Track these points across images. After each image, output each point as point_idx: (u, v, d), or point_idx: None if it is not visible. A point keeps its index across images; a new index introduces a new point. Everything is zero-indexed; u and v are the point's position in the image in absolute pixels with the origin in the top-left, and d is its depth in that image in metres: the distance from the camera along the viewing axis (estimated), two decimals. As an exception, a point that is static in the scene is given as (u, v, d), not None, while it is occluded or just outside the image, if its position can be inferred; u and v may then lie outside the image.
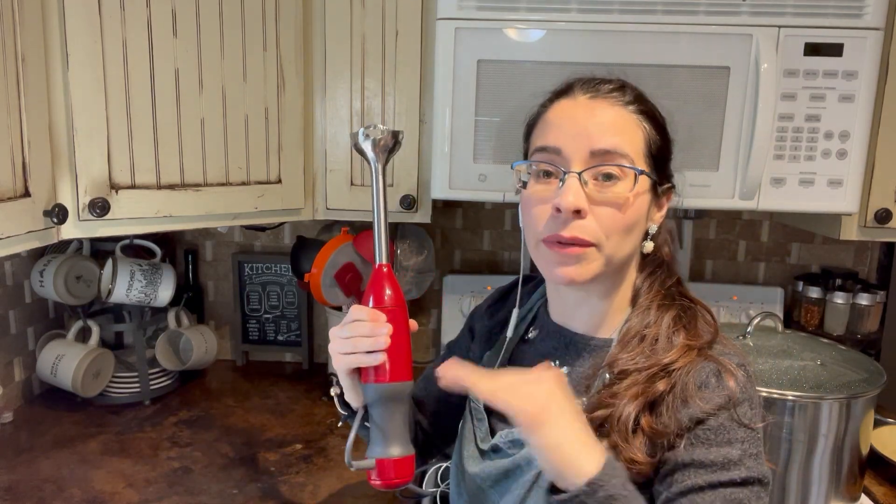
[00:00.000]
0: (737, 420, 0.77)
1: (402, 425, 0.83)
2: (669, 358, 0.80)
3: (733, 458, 0.75)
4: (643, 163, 0.83)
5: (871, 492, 1.35)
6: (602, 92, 0.84)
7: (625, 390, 0.79)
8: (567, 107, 0.85)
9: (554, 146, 0.82)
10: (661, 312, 0.85)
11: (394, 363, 0.81)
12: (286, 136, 1.40)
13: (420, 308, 1.96)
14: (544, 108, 0.88)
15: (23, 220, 1.05)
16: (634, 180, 0.81)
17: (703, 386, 0.78)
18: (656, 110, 0.87)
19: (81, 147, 1.14)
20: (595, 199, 0.80)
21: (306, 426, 1.60)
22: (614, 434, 0.77)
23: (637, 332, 0.84)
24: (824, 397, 1.20)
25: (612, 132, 0.81)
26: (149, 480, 1.34)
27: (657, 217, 0.88)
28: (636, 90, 0.86)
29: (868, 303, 1.74)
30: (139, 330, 1.68)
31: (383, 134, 0.85)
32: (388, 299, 0.83)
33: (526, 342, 0.97)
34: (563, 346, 0.91)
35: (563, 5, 1.27)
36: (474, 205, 1.89)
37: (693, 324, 0.85)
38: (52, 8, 1.09)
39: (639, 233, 0.85)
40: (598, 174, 0.81)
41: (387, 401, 0.82)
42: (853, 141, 1.28)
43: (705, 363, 0.80)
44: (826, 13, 1.25)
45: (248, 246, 1.95)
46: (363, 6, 1.41)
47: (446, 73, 1.31)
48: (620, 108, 0.83)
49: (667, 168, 0.88)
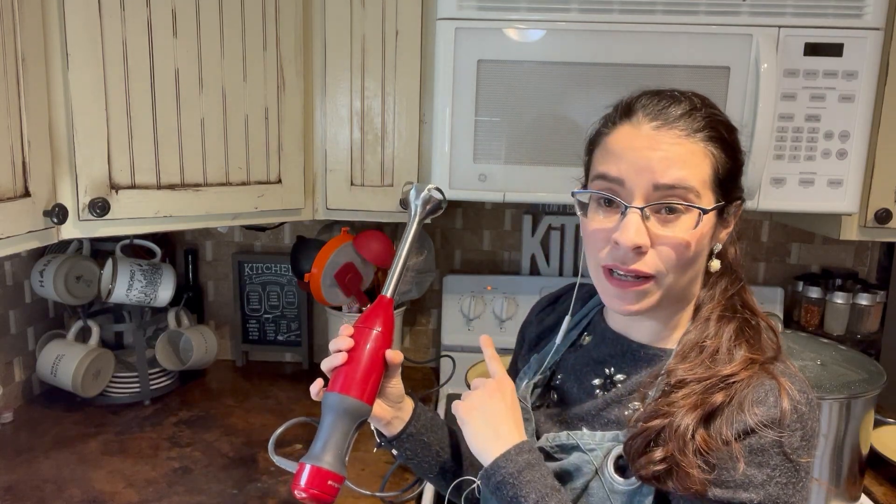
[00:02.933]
0: (780, 447, 0.74)
1: (342, 443, 0.81)
2: (730, 370, 0.78)
3: (756, 482, 0.73)
4: (709, 192, 0.79)
5: (871, 492, 1.35)
6: (669, 120, 0.79)
7: (681, 400, 0.77)
8: (630, 136, 0.80)
9: (616, 177, 0.79)
10: (722, 324, 0.82)
11: (347, 378, 0.82)
12: (286, 136, 1.40)
13: (420, 308, 1.96)
14: (606, 128, 0.84)
15: (23, 220, 1.05)
16: (698, 219, 0.78)
17: (759, 402, 0.75)
18: (727, 129, 0.82)
19: (81, 147, 1.14)
20: (657, 235, 0.78)
21: (306, 426, 1.59)
22: (671, 444, 0.75)
23: (696, 342, 0.81)
24: (824, 397, 1.20)
25: (678, 166, 0.77)
26: (149, 480, 1.34)
27: (723, 235, 0.85)
28: (708, 111, 0.81)
29: (868, 303, 1.74)
30: (139, 330, 1.68)
31: (434, 197, 0.93)
32: (367, 322, 0.86)
33: (580, 347, 0.95)
34: (619, 353, 0.89)
35: (563, 5, 1.27)
36: (474, 205, 1.89)
37: (756, 338, 0.82)
38: (52, 8, 1.09)
39: (702, 260, 0.83)
40: (661, 208, 0.78)
41: (332, 411, 0.82)
42: (853, 141, 1.29)
43: (766, 379, 0.77)
44: (826, 13, 1.25)
45: (248, 246, 1.95)
46: (363, 6, 1.41)
47: (446, 73, 1.31)
48: (686, 139, 0.78)
49: (737, 185, 0.84)
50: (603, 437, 0.83)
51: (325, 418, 0.82)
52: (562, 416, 0.91)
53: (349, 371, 0.83)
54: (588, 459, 0.82)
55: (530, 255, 1.89)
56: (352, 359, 0.83)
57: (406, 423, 0.96)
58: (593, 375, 0.90)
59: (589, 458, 0.82)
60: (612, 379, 0.88)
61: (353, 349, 0.84)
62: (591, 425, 0.86)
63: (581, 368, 0.92)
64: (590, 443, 0.84)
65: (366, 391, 0.83)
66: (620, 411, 0.84)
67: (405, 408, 0.97)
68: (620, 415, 0.84)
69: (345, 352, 0.84)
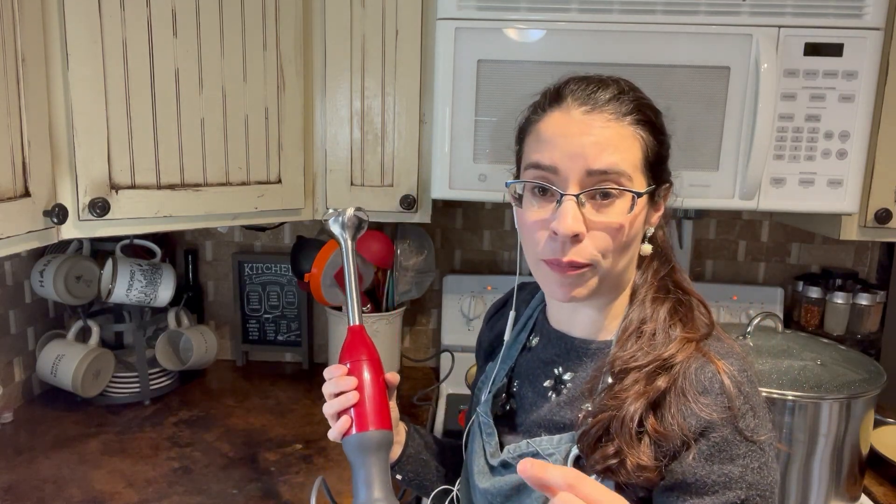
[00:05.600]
0: (740, 433, 0.75)
1: (385, 476, 0.82)
2: (669, 352, 0.79)
3: (734, 477, 0.74)
4: (641, 176, 0.80)
5: (871, 492, 1.35)
6: (598, 104, 0.79)
7: (627, 389, 0.78)
8: (561, 122, 0.80)
9: (549, 165, 0.79)
10: (657, 305, 0.83)
11: (364, 415, 0.83)
12: (286, 136, 1.40)
13: (420, 308, 1.96)
14: (537, 116, 0.84)
15: (23, 220, 1.05)
16: (632, 202, 0.79)
17: (704, 392, 0.76)
18: (653, 114, 0.83)
19: (81, 147, 1.14)
20: (592, 221, 0.78)
21: (306, 426, 1.60)
22: (619, 438, 0.75)
23: (634, 328, 0.82)
24: (824, 397, 1.20)
25: (609, 151, 0.78)
26: (149, 480, 1.34)
27: (654, 219, 0.86)
28: (634, 94, 0.82)
29: (868, 303, 1.74)
30: (139, 330, 1.68)
31: (350, 217, 0.94)
32: (354, 355, 0.87)
33: (529, 350, 0.96)
34: (564, 352, 0.90)
35: (563, 5, 1.27)
36: (474, 205, 1.89)
37: (690, 316, 0.83)
38: (52, 8, 1.09)
39: (636, 244, 0.84)
40: (596, 194, 0.79)
41: (363, 451, 0.82)
42: (853, 141, 1.29)
43: (705, 364, 0.78)
44: (826, 13, 1.25)
45: (248, 246, 1.95)
46: (363, 6, 1.41)
47: (446, 73, 1.31)
48: (616, 122, 0.79)
49: (664, 169, 0.85)
50: (560, 440, 0.84)
51: (356, 459, 0.83)
52: (522, 424, 0.91)
53: (362, 407, 0.84)
54: None
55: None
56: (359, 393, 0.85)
57: (404, 444, 0.98)
58: (544, 377, 0.91)
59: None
60: (561, 378, 0.88)
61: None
62: (549, 430, 0.86)
63: (533, 371, 0.92)
64: (548, 447, 0.84)
65: (385, 418, 0.84)
66: (573, 413, 0.85)
67: (401, 431, 0.99)
68: (573, 417, 0.84)
69: (354, 391, 0.84)
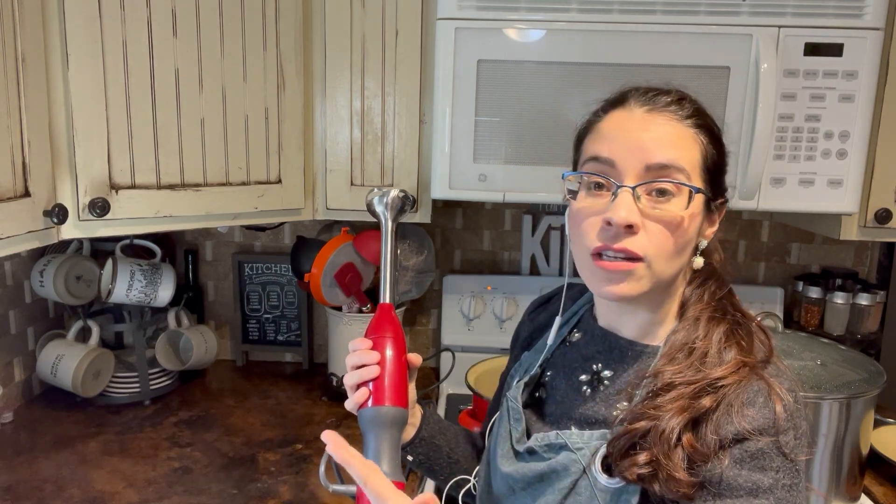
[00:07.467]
0: (778, 448, 0.74)
1: (395, 452, 0.82)
2: (720, 373, 0.77)
3: (763, 486, 0.73)
4: (699, 178, 0.80)
5: (871, 492, 1.35)
6: (659, 105, 0.80)
7: (669, 403, 0.76)
8: (622, 118, 0.81)
9: (607, 158, 0.79)
10: (712, 326, 0.82)
11: (382, 389, 0.83)
12: (286, 136, 1.40)
13: (420, 308, 1.96)
14: (597, 117, 0.85)
15: (23, 220, 1.05)
16: (689, 198, 0.78)
17: (749, 404, 0.75)
18: (714, 123, 0.84)
19: (81, 147, 1.14)
20: (648, 215, 0.77)
21: (306, 426, 1.60)
22: (655, 448, 0.74)
23: (684, 344, 0.81)
24: (824, 397, 1.20)
25: (669, 146, 0.78)
26: (149, 480, 1.34)
27: (709, 232, 0.85)
28: (695, 103, 0.83)
29: (868, 303, 1.74)
30: (139, 330, 1.68)
31: (394, 197, 0.94)
32: (379, 331, 0.87)
33: (569, 344, 0.95)
34: (606, 349, 0.89)
35: (563, 5, 1.27)
36: (474, 205, 1.89)
37: (748, 340, 0.81)
38: (52, 8, 1.09)
39: (689, 251, 0.83)
40: (653, 189, 0.78)
41: (376, 424, 0.82)
42: (853, 141, 1.29)
43: (755, 382, 0.77)
44: (826, 13, 1.25)
45: (248, 246, 1.95)
46: (363, 6, 1.41)
47: (446, 73, 1.31)
48: (678, 122, 0.80)
49: (722, 181, 0.85)
50: (591, 437, 0.83)
51: (369, 432, 0.83)
52: (551, 415, 0.91)
53: (381, 382, 0.84)
54: (576, 458, 0.82)
55: (530, 255, 1.89)
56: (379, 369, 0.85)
57: (418, 427, 0.98)
58: (581, 371, 0.90)
59: (577, 458, 0.82)
60: (599, 375, 0.88)
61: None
62: (579, 424, 0.86)
63: (570, 365, 0.92)
64: (578, 442, 0.84)
65: (402, 397, 0.84)
66: (608, 410, 0.84)
67: (416, 413, 0.98)
68: (608, 414, 0.84)
69: (376, 364, 0.85)
